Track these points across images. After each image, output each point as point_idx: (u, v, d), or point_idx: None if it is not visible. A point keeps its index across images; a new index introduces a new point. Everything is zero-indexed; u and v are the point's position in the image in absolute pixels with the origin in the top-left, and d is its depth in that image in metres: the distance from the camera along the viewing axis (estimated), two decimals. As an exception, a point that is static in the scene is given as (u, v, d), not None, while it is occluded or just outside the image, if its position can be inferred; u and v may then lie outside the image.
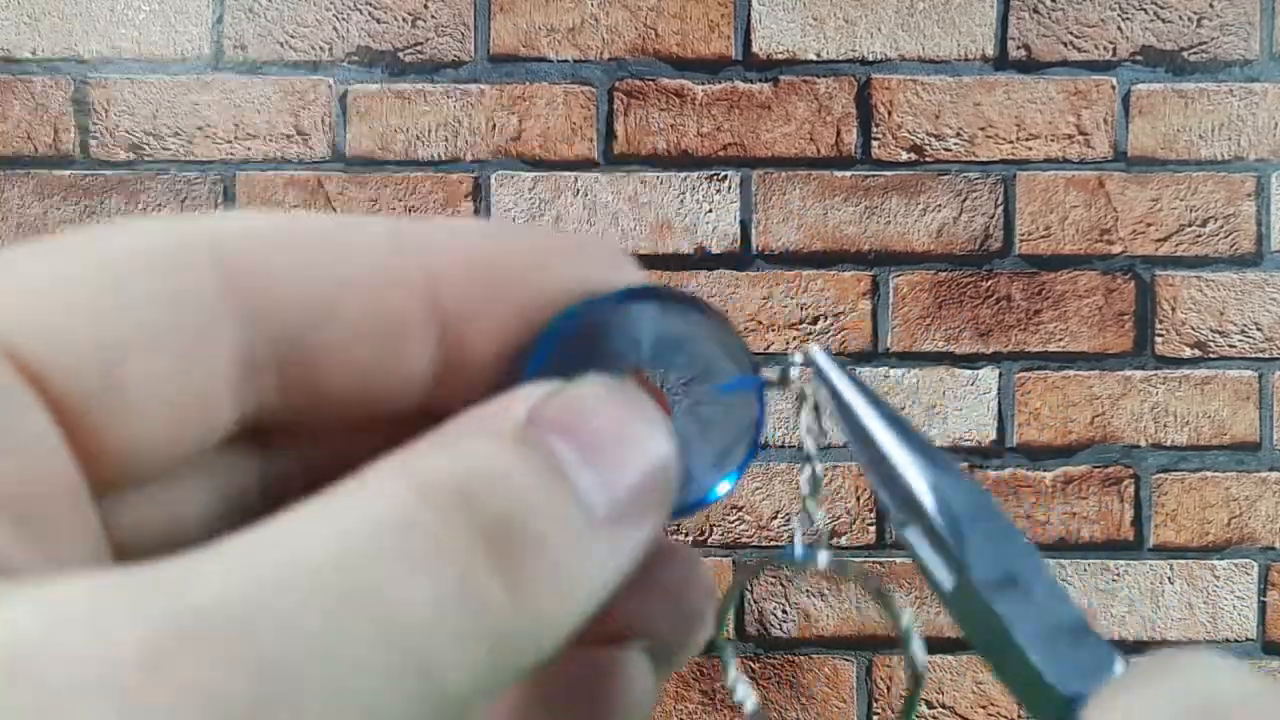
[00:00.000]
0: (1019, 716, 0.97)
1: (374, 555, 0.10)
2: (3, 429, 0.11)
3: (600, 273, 0.15)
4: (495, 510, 0.12)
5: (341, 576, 0.10)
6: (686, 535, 0.95)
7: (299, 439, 0.15)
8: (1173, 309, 0.97)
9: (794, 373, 0.16)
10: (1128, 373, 0.97)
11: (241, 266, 0.13)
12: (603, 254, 0.15)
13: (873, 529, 0.97)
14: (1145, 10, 0.97)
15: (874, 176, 0.97)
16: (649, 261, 0.97)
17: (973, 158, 0.97)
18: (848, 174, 0.97)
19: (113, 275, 0.13)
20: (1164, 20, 0.97)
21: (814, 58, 0.97)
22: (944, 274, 0.97)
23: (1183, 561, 0.97)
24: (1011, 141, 0.97)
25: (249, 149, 0.97)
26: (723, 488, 0.15)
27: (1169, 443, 0.97)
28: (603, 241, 0.15)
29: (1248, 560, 0.97)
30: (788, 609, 0.97)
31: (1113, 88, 0.97)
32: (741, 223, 0.97)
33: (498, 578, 0.11)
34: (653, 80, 0.97)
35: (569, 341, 0.15)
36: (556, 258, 0.15)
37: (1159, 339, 0.97)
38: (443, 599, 0.11)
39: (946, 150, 0.97)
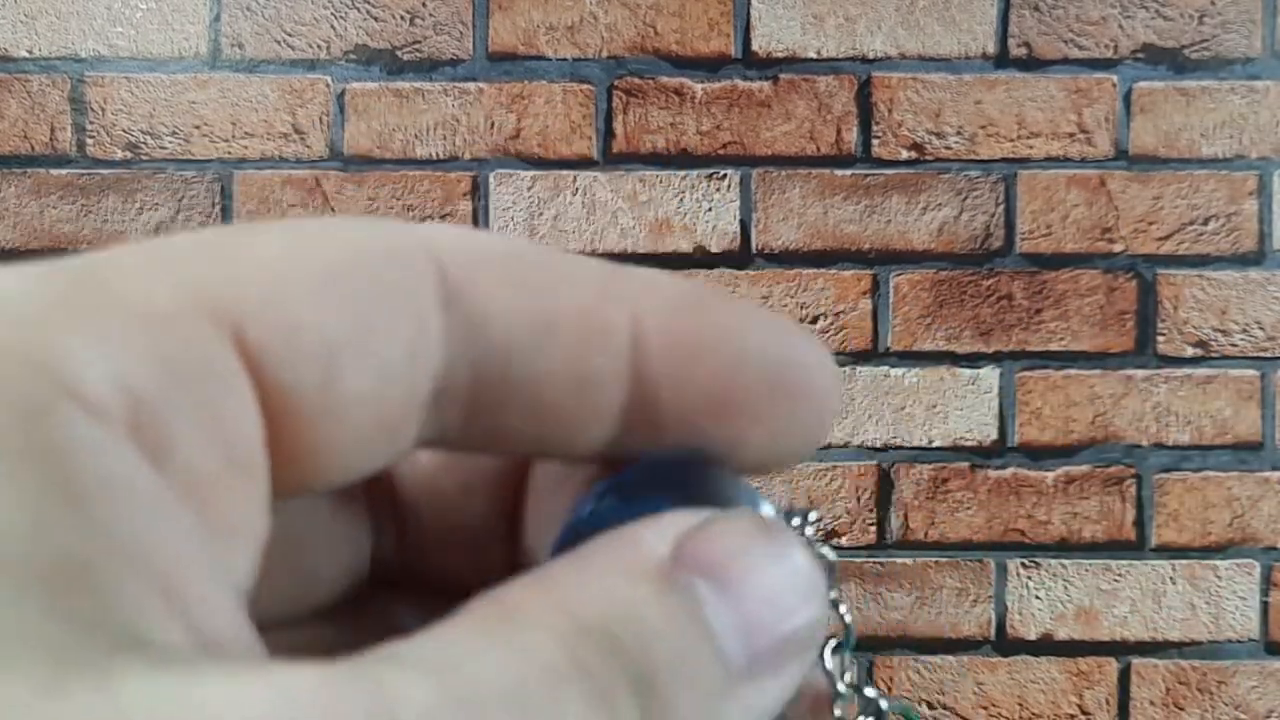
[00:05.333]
0: (1019, 717, 0.97)
1: (545, 696, 0.11)
2: (213, 440, 0.11)
3: (799, 358, 0.14)
4: (642, 664, 0.11)
5: (524, 708, 0.10)
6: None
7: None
8: (1174, 308, 0.97)
9: None
10: (1129, 372, 0.97)
11: (463, 282, 0.13)
12: (799, 335, 0.14)
13: (873, 529, 0.97)
14: (1147, 8, 0.97)
15: (874, 175, 0.97)
16: (649, 261, 0.96)
17: (974, 156, 0.97)
18: (848, 173, 0.97)
19: (343, 269, 0.12)
20: (1165, 18, 0.97)
21: (814, 56, 0.97)
22: (945, 273, 0.97)
23: (1185, 562, 0.97)
24: (1012, 140, 0.97)
25: (246, 148, 0.96)
26: None
27: (1171, 442, 0.97)
28: (793, 325, 0.15)
29: (1250, 560, 0.97)
30: (788, 609, 0.96)
31: (1114, 86, 0.97)
32: (741, 222, 0.97)
33: (585, 705, 0.11)
34: (652, 78, 0.97)
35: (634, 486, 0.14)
36: (756, 332, 0.14)
37: (1161, 338, 0.97)
38: None
39: (947, 149, 0.97)
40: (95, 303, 0.11)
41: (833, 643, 0.16)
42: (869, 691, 0.16)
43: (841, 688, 0.16)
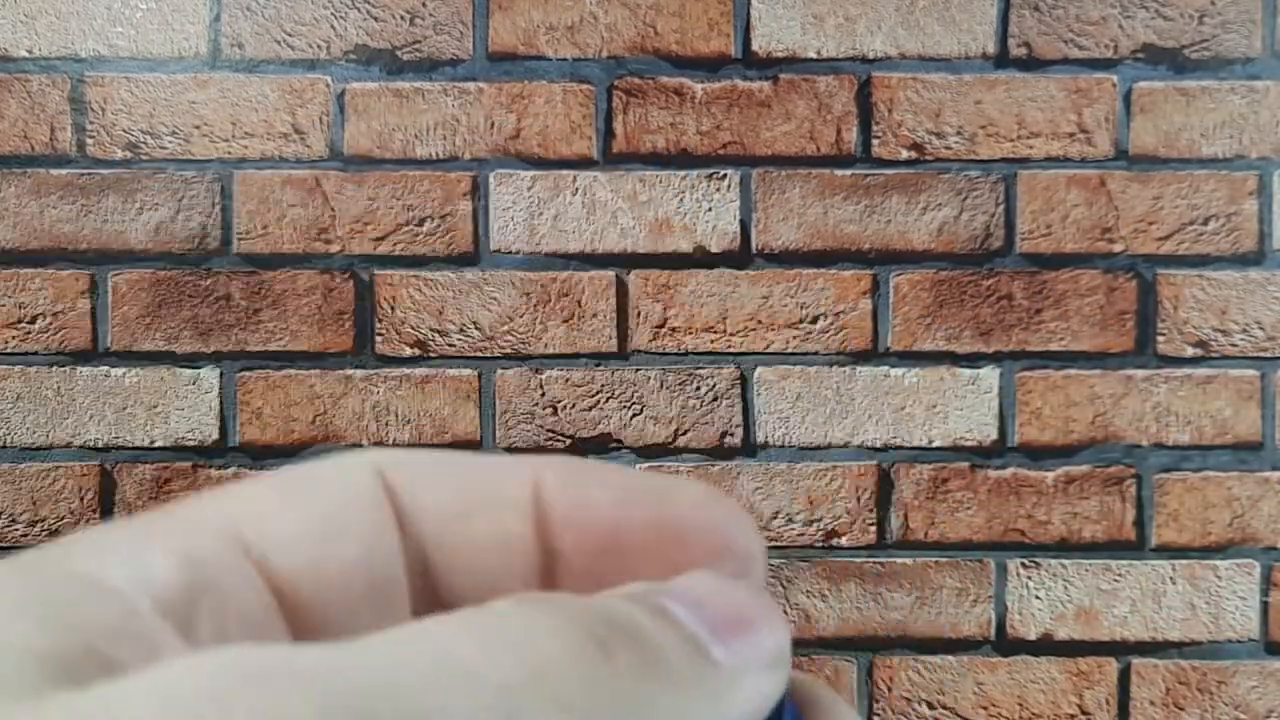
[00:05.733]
0: (1019, 717, 0.97)
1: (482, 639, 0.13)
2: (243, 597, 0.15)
3: (682, 513, 0.17)
4: (607, 621, 0.13)
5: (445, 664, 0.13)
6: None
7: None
8: (1174, 308, 0.97)
9: None
10: (1129, 372, 0.97)
11: (400, 484, 0.17)
12: (687, 498, 0.18)
13: (873, 529, 0.97)
14: (1147, 8, 0.97)
15: (874, 175, 0.97)
16: (648, 261, 0.96)
17: (973, 156, 0.97)
18: (848, 172, 0.97)
19: (309, 490, 0.17)
20: (1165, 18, 0.97)
21: (814, 56, 0.97)
22: (945, 273, 0.97)
23: (1185, 562, 0.97)
24: (1012, 140, 0.97)
25: (246, 147, 0.96)
26: None
27: (1171, 442, 0.97)
28: (692, 486, 0.18)
29: (1250, 560, 0.97)
30: (788, 610, 0.96)
31: (1114, 86, 0.97)
32: (741, 221, 0.97)
33: (600, 655, 0.13)
34: (652, 78, 0.96)
35: None
36: (631, 492, 0.17)
37: (1161, 338, 0.97)
38: (541, 670, 0.12)
39: (947, 148, 0.97)
40: (118, 539, 0.15)
41: None
42: None
43: None
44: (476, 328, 0.97)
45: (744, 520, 0.18)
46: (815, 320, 0.97)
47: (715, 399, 0.97)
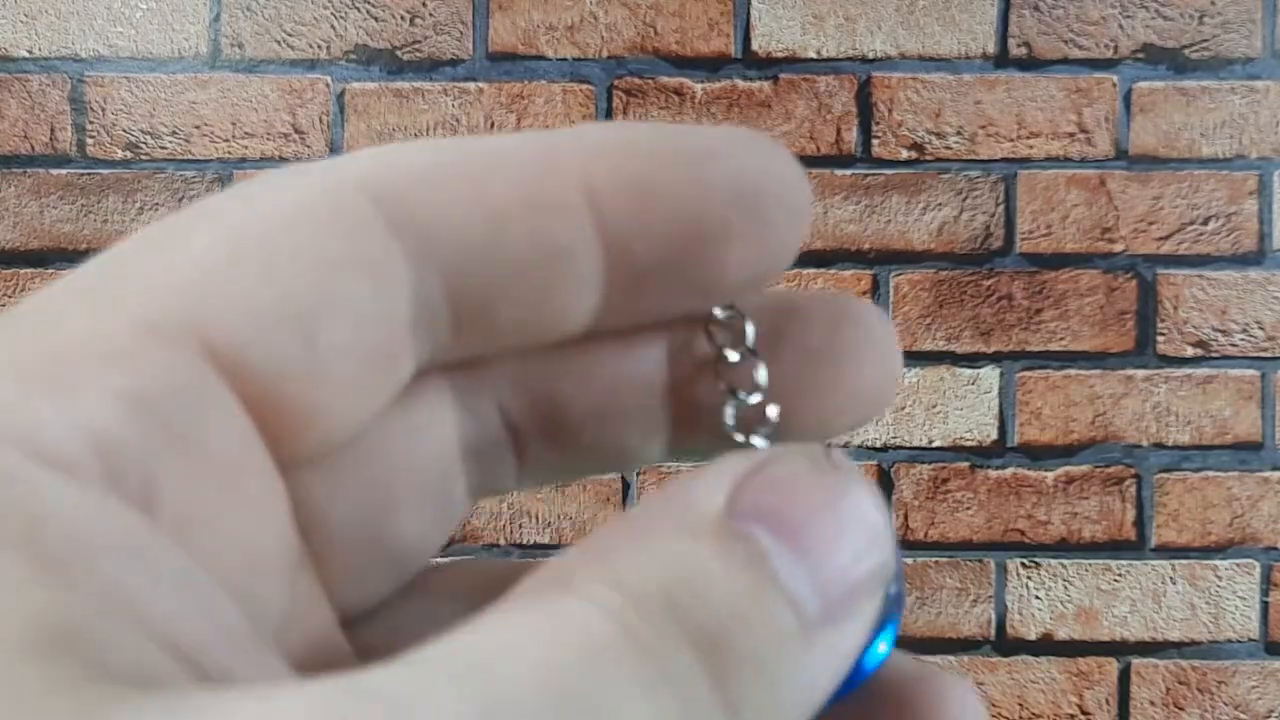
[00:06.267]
0: (1019, 717, 0.97)
1: (591, 685, 0.10)
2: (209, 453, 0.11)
3: (756, 165, 0.14)
4: (706, 624, 0.11)
5: (564, 702, 0.10)
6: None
7: (477, 377, 0.15)
8: (1174, 308, 0.97)
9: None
10: (1129, 372, 0.97)
11: (399, 204, 0.13)
12: (752, 146, 0.14)
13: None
14: (1146, 8, 0.97)
15: (874, 175, 0.97)
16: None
17: (973, 156, 0.97)
18: (848, 172, 0.97)
19: (285, 238, 0.12)
20: (1165, 18, 0.97)
21: (814, 55, 0.97)
22: (945, 273, 0.97)
23: (1185, 562, 0.97)
24: (1012, 140, 0.97)
25: (246, 147, 0.96)
26: (881, 646, 0.14)
27: (1171, 442, 0.97)
28: (746, 133, 0.14)
29: (1250, 560, 0.97)
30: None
31: (1114, 85, 0.97)
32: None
33: (718, 697, 0.11)
34: (652, 78, 0.96)
35: None
36: (710, 159, 0.14)
37: (1161, 338, 0.97)
38: None
39: (947, 148, 0.97)
40: (46, 352, 0.11)
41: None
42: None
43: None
44: (476, 328, 0.97)
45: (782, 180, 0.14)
46: (815, 320, 0.97)
47: (715, 399, 0.97)
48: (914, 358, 0.97)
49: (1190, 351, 0.97)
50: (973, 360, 0.97)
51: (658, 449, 0.16)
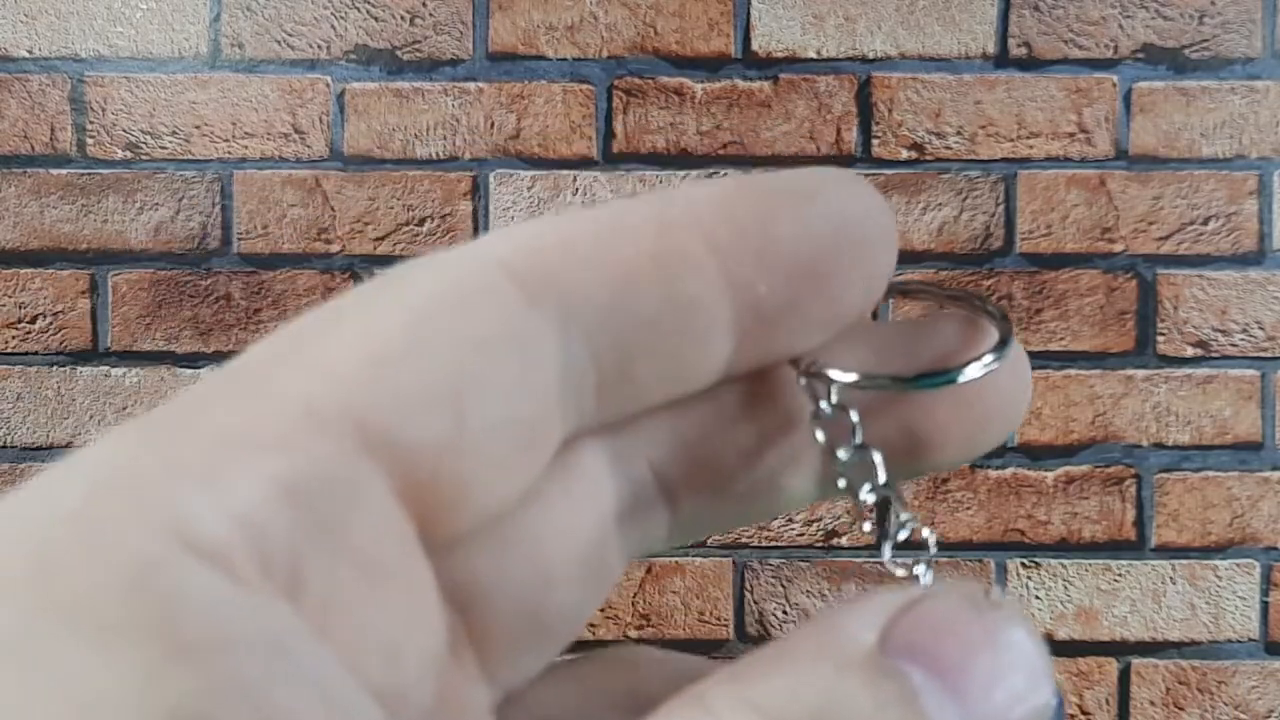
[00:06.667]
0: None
1: None
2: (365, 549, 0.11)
3: (855, 203, 0.15)
4: None
5: None
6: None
7: (626, 439, 0.15)
8: (1174, 308, 0.97)
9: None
10: (1129, 372, 0.97)
11: (536, 278, 0.13)
12: (849, 185, 0.15)
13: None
14: (1147, 8, 0.97)
15: (874, 175, 0.97)
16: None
17: (973, 156, 0.97)
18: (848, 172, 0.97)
19: (428, 323, 0.12)
20: (1165, 18, 0.97)
21: (814, 56, 0.97)
22: (945, 273, 0.97)
23: (1185, 562, 0.97)
24: (1012, 140, 0.97)
25: (246, 148, 0.96)
26: None
27: (1171, 442, 0.97)
28: (839, 173, 0.15)
29: (1250, 560, 0.97)
30: (788, 609, 0.96)
31: (1114, 85, 0.97)
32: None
33: None
34: (652, 78, 0.96)
35: None
36: (812, 200, 0.14)
37: (1161, 338, 0.97)
38: None
39: (947, 148, 0.97)
40: (204, 439, 0.11)
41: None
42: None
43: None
44: (476, 328, 0.97)
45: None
46: (815, 320, 0.97)
47: (715, 399, 0.97)
48: (914, 358, 0.97)
49: (1190, 351, 0.97)
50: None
51: (811, 485, 0.17)
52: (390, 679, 0.11)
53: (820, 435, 0.16)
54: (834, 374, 0.15)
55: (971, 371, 0.15)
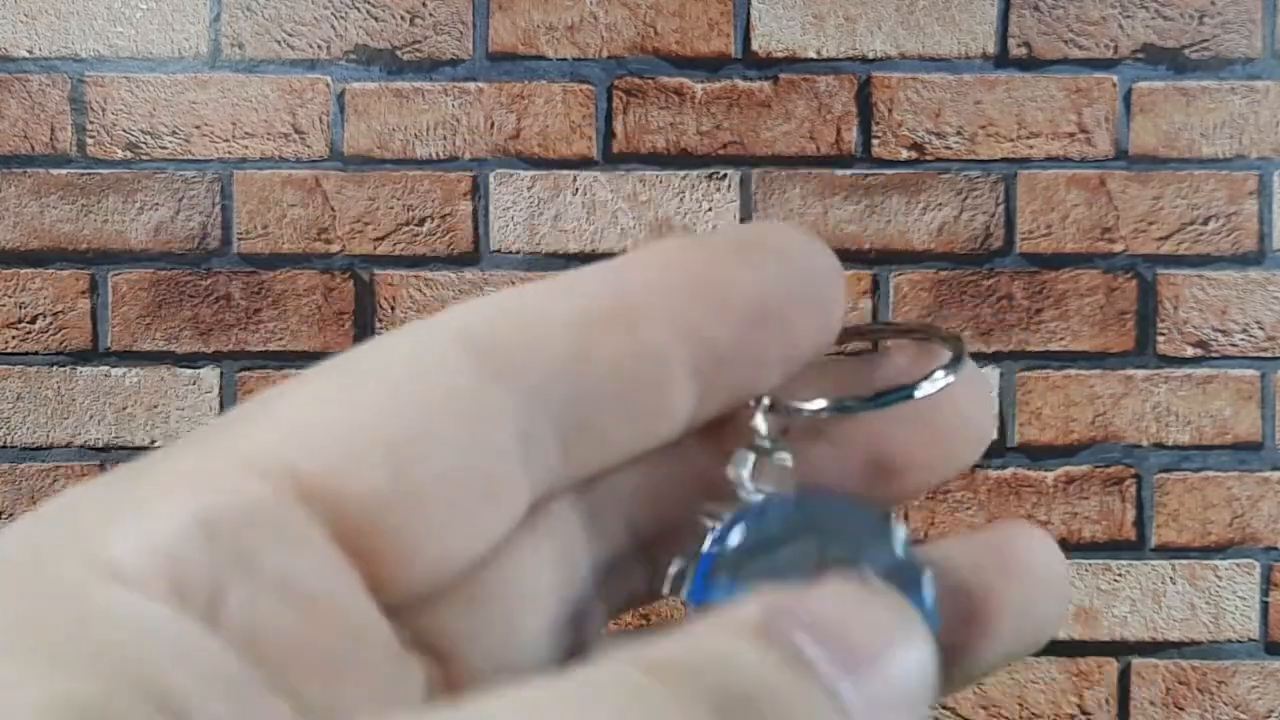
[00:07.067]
0: (1019, 717, 0.97)
1: None
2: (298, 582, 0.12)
3: (805, 257, 0.15)
4: (730, 689, 0.11)
5: None
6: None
7: (600, 496, 0.16)
8: (1174, 308, 0.97)
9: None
10: (1129, 372, 0.97)
11: (492, 347, 0.14)
12: (797, 239, 0.15)
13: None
14: (1147, 8, 0.97)
15: (874, 175, 0.97)
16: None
17: (973, 156, 0.97)
18: (848, 172, 0.97)
19: (377, 385, 0.13)
20: (1165, 18, 0.97)
21: (814, 56, 0.97)
22: (945, 273, 0.97)
23: (1185, 562, 0.97)
24: (1012, 140, 0.97)
25: (246, 148, 0.96)
26: None
27: (1171, 442, 0.97)
28: (785, 227, 0.16)
29: (1250, 560, 0.97)
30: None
31: (1114, 85, 0.97)
32: (741, 221, 0.97)
33: None
34: (652, 78, 0.96)
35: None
36: (763, 252, 0.15)
37: (1161, 338, 0.97)
38: None
39: (947, 148, 0.97)
40: (146, 487, 0.12)
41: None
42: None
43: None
44: (476, 328, 0.97)
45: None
46: (815, 320, 0.97)
47: (715, 399, 0.97)
48: (914, 358, 0.97)
49: (1190, 351, 0.97)
50: (973, 360, 0.97)
51: None
52: (326, 700, 0.12)
53: (750, 457, 0.16)
54: (797, 403, 0.16)
55: (927, 387, 0.16)
